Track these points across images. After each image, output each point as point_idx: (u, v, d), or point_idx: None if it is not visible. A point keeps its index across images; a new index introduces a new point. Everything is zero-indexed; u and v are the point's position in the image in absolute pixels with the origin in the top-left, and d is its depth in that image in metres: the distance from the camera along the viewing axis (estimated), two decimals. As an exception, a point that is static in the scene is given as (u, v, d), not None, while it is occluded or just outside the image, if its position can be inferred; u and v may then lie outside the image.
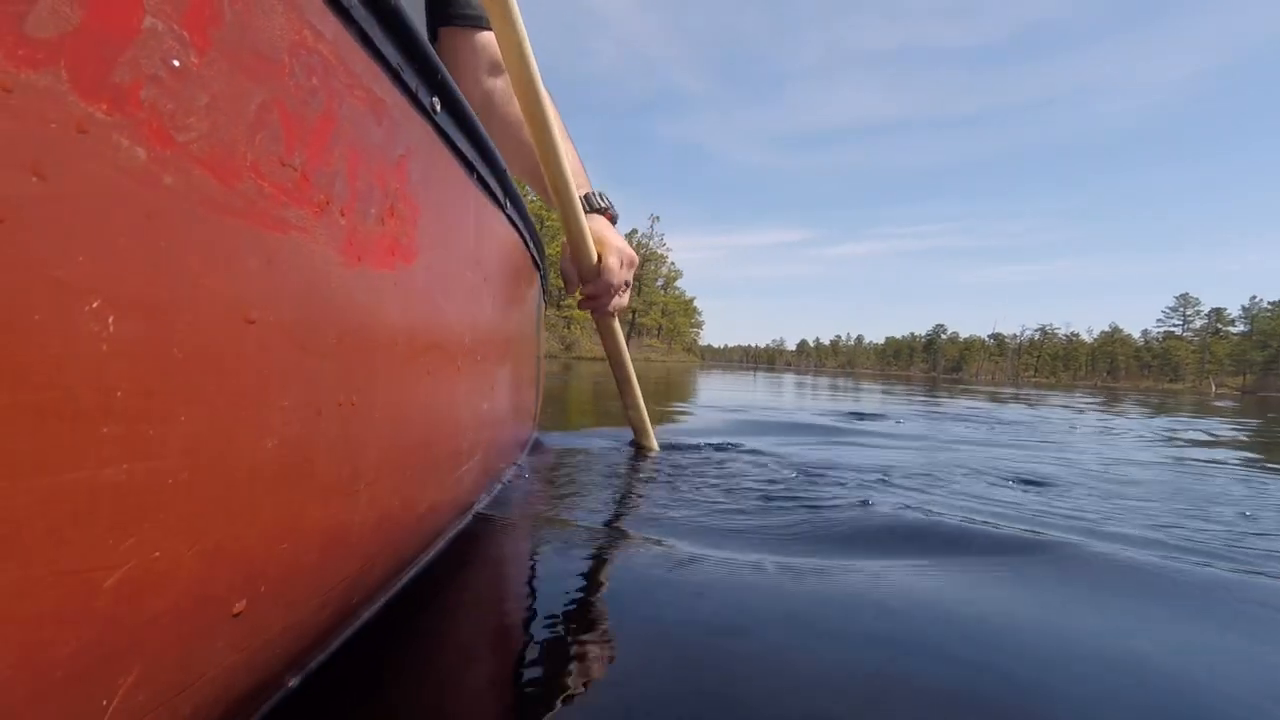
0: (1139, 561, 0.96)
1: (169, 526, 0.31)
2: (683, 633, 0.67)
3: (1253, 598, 0.86)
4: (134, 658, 0.30)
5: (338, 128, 0.42)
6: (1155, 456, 2.49)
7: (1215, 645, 0.71)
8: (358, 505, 0.49)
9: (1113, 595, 0.84)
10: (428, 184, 0.60)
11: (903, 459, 1.99)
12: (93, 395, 0.27)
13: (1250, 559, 1.01)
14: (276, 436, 0.38)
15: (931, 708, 0.54)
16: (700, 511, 1.20)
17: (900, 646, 0.65)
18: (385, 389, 0.53)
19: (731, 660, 0.61)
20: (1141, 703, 0.57)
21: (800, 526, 1.09)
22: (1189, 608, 0.81)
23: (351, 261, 0.45)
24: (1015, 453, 2.32)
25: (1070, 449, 2.48)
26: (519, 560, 0.94)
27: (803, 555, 0.94)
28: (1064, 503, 1.43)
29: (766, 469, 1.62)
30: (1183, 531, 1.20)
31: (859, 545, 1.04)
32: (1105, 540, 1.08)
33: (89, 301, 0.27)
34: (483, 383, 0.91)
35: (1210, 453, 2.66)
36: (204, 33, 0.31)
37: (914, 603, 0.77)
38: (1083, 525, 1.19)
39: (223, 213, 0.33)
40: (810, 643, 0.66)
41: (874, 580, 0.85)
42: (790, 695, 0.55)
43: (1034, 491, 1.55)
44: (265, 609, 0.40)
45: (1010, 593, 0.83)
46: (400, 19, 0.48)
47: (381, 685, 0.55)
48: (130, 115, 0.28)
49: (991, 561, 0.94)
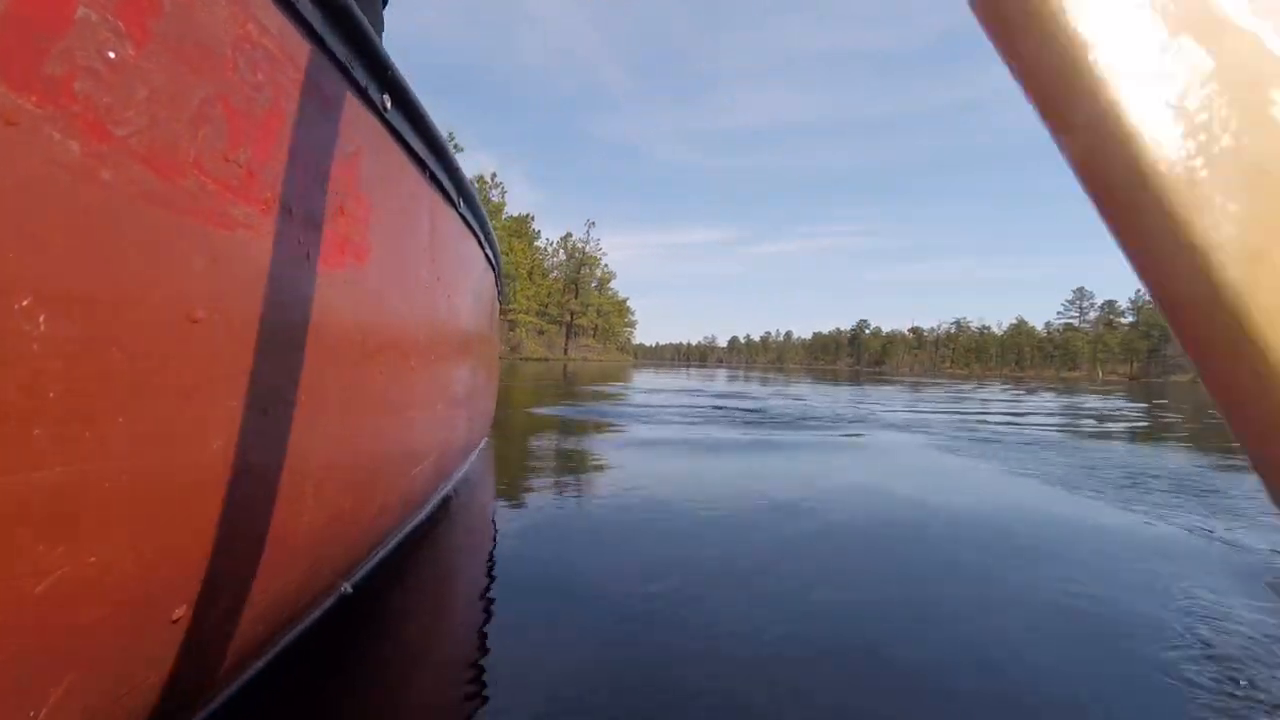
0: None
1: (105, 531, 0.30)
2: (620, 595, 0.71)
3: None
4: (65, 666, 0.29)
5: (285, 124, 0.41)
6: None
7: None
8: (305, 506, 0.48)
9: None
10: (380, 182, 0.59)
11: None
12: (22, 396, 0.26)
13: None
14: (221, 437, 0.37)
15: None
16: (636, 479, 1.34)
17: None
18: (336, 388, 0.52)
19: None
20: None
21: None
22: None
23: (300, 259, 0.44)
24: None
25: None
26: (473, 555, 0.94)
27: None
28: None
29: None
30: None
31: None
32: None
33: (18, 299, 0.26)
34: (438, 381, 0.90)
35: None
36: (142, 24, 0.30)
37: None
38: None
39: (164, 209, 0.32)
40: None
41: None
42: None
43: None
44: (207, 614, 0.39)
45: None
46: (349, 14, 0.47)
47: (330, 686, 0.54)
48: (63, 108, 0.27)
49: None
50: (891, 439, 2.59)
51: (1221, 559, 1.04)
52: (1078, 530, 1.20)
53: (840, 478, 1.67)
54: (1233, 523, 1.29)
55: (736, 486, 1.49)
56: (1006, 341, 65.89)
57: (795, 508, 1.29)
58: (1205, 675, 0.64)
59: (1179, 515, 1.34)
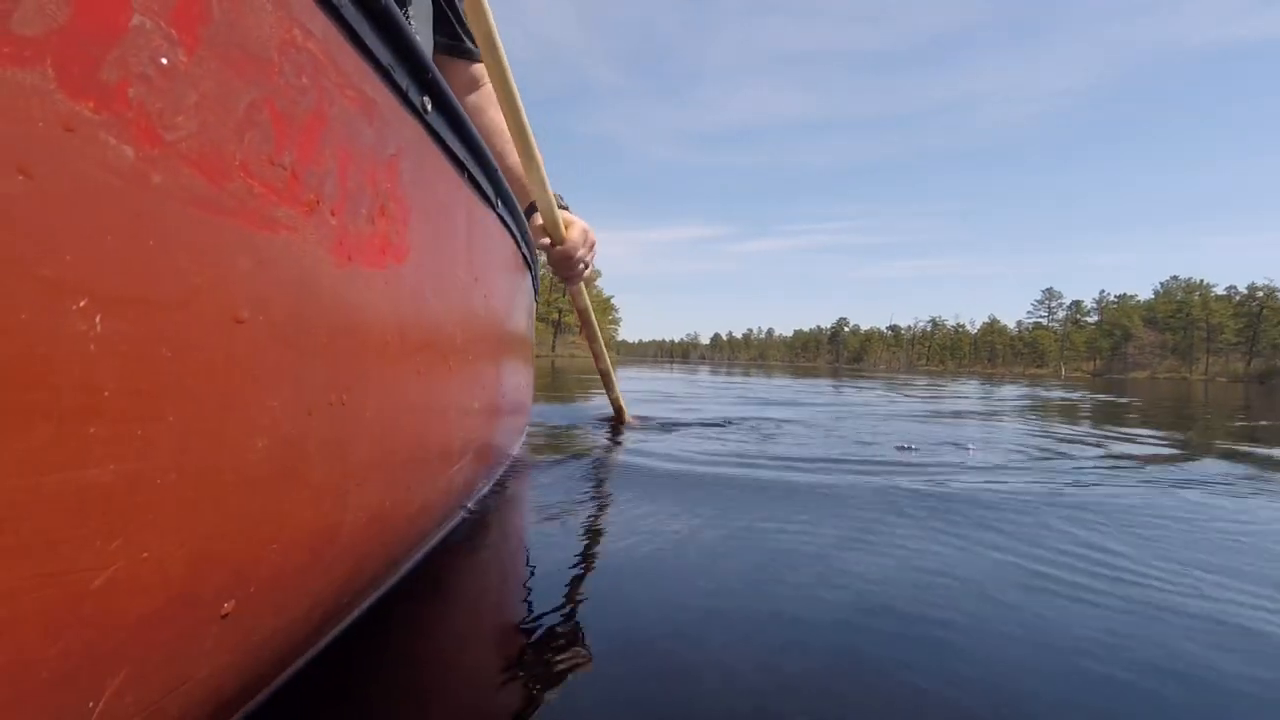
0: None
1: (157, 527, 0.31)
2: (663, 615, 0.69)
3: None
4: (121, 660, 0.30)
5: (328, 127, 0.42)
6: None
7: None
8: (348, 505, 0.49)
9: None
10: (419, 183, 0.60)
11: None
12: (80, 395, 0.27)
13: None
14: (266, 436, 0.38)
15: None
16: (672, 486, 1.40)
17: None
18: (376, 388, 0.52)
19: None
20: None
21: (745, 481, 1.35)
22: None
23: (342, 261, 0.45)
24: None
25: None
26: (511, 556, 0.94)
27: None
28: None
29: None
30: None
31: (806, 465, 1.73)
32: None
33: (76, 300, 0.27)
34: (475, 381, 0.91)
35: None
36: (192, 31, 0.31)
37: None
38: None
39: (212, 212, 0.33)
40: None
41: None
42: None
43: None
44: (254, 610, 0.39)
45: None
46: (391, 18, 0.47)
47: (371, 683, 0.55)
48: (118, 113, 0.28)
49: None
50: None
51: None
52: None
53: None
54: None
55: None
56: (980, 340, 64.80)
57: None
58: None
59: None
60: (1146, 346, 47.70)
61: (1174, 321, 48.90)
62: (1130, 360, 46.99)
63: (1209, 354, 45.01)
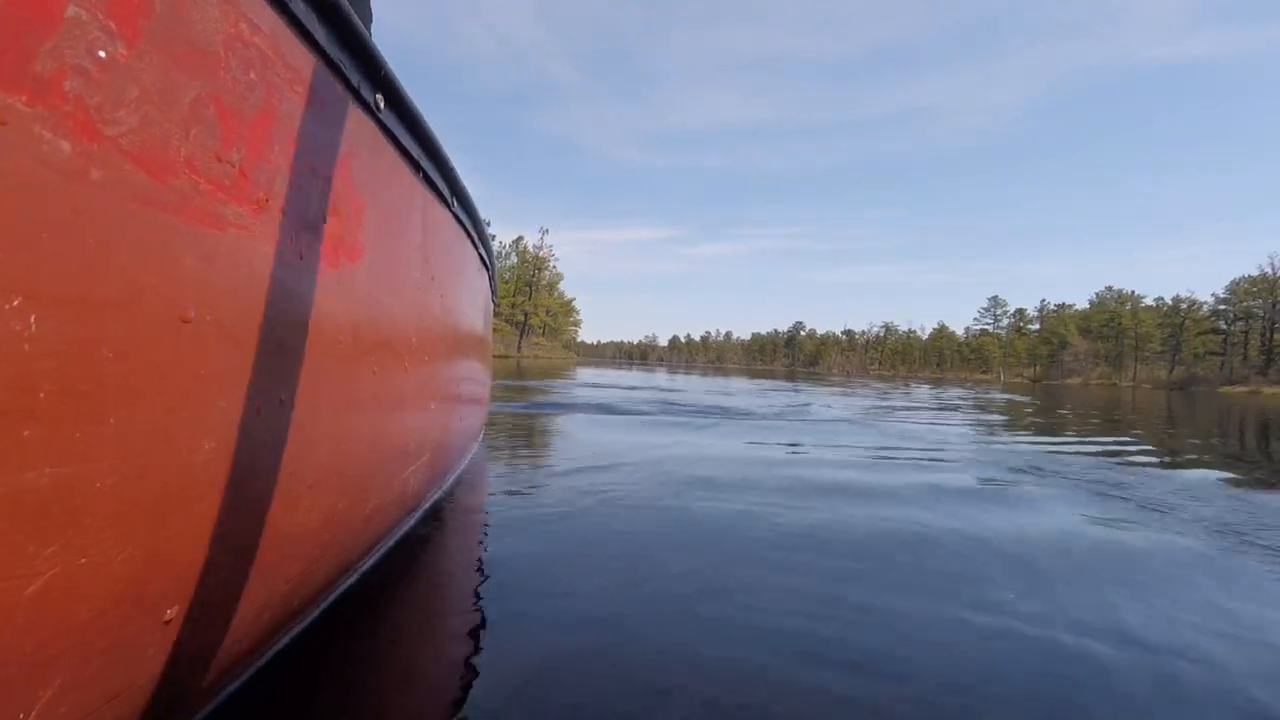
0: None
1: (96, 532, 0.30)
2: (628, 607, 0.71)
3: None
4: (56, 667, 0.29)
5: (277, 124, 0.41)
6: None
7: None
8: (298, 507, 0.48)
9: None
10: (372, 182, 0.59)
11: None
12: (13, 396, 0.26)
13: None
14: (213, 438, 0.37)
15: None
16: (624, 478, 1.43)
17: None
18: (329, 389, 0.52)
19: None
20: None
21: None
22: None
23: (293, 259, 0.44)
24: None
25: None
26: (466, 554, 0.94)
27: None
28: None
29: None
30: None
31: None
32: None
33: (9, 299, 0.26)
34: (431, 381, 0.90)
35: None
36: (132, 24, 0.30)
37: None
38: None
39: (156, 209, 0.32)
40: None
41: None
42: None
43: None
44: (199, 615, 0.38)
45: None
46: (341, 13, 0.47)
47: (325, 686, 0.54)
48: (54, 107, 0.27)
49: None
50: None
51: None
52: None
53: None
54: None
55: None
56: (929, 346, 68.94)
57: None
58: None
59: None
60: (1081, 354, 51.17)
61: (1106, 331, 52.55)
62: (1066, 367, 50.36)
63: (1137, 361, 48.63)
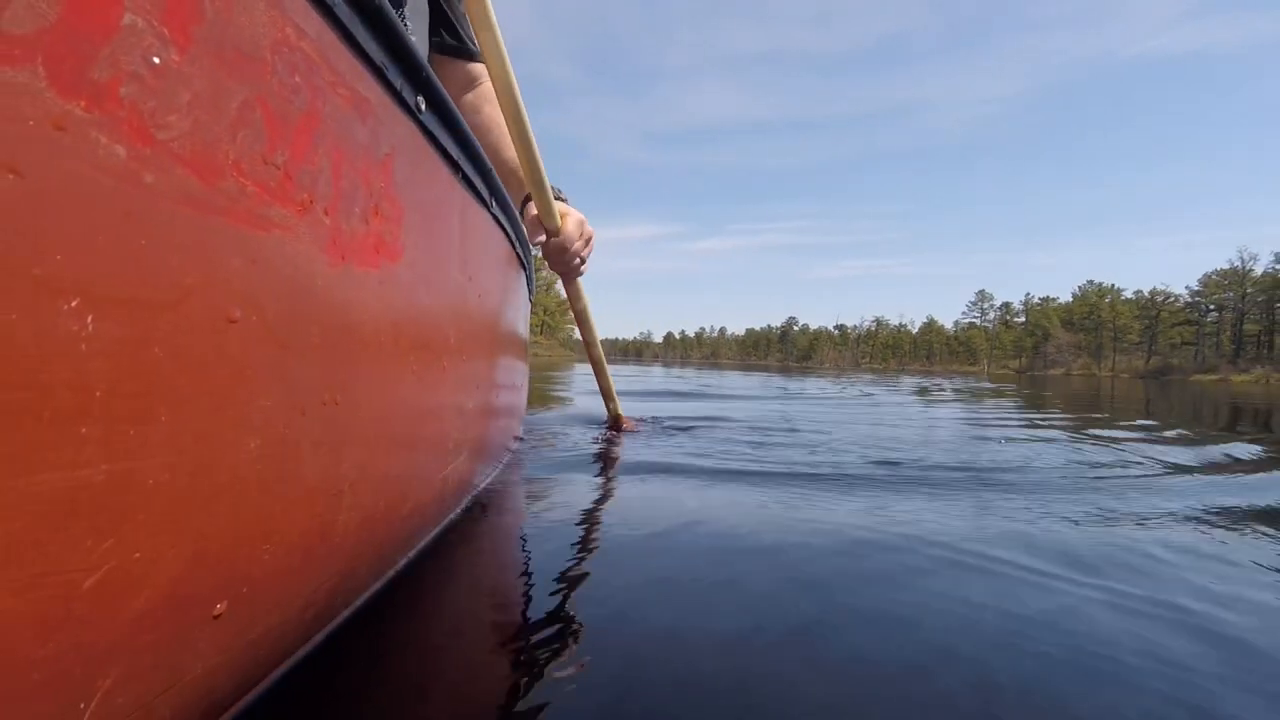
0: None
1: (149, 527, 0.31)
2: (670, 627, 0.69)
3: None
4: (113, 660, 0.30)
5: (321, 126, 0.41)
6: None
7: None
8: (341, 505, 0.49)
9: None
10: (413, 183, 0.59)
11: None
12: (71, 395, 0.27)
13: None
14: (259, 436, 0.37)
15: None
16: (670, 478, 1.43)
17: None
18: (369, 388, 0.52)
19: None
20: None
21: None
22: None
23: (335, 260, 0.45)
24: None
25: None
26: (504, 553, 0.94)
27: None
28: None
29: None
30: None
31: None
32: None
33: (67, 300, 0.26)
34: (469, 381, 0.90)
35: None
36: (184, 30, 0.31)
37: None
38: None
39: (205, 211, 0.33)
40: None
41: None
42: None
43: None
44: (247, 610, 0.39)
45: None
46: (384, 17, 0.47)
47: (363, 682, 0.54)
48: (109, 112, 0.27)
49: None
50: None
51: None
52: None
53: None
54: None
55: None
56: (919, 339, 69.90)
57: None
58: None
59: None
60: (1064, 346, 52.06)
61: (1087, 323, 53.52)
62: (1049, 358, 51.35)
63: (1116, 353, 49.64)
